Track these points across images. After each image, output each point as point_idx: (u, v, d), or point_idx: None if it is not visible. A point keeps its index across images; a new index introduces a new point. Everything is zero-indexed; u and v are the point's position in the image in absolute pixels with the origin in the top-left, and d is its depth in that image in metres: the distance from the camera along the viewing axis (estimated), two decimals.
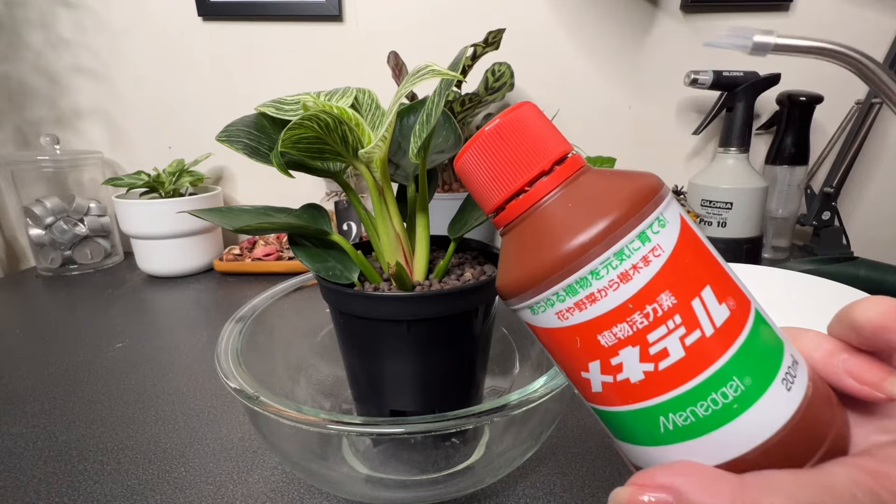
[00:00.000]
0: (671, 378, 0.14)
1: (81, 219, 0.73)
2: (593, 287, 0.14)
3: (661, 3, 0.72)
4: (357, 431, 0.23)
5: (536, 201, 0.16)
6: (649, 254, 0.14)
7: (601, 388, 0.15)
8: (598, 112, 0.78)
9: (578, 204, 0.15)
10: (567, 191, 0.16)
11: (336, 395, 0.37)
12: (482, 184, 0.17)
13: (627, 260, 0.14)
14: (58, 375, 0.44)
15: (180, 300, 0.62)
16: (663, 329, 0.14)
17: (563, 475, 0.32)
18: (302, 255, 0.29)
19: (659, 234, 0.14)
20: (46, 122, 0.77)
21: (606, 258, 0.14)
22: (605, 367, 0.14)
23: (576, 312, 0.14)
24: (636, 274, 0.14)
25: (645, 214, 0.14)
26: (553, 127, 0.17)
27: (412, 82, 0.24)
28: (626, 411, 0.15)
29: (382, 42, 0.74)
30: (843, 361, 0.15)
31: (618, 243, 0.14)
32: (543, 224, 0.15)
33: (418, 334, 0.27)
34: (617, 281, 0.14)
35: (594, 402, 0.16)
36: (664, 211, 0.15)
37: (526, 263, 0.15)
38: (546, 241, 0.15)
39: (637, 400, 0.14)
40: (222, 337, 0.31)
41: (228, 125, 0.28)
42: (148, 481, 0.32)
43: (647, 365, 0.14)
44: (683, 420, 0.14)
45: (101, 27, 0.74)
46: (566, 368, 0.16)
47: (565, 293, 0.14)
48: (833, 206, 0.71)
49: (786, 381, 0.14)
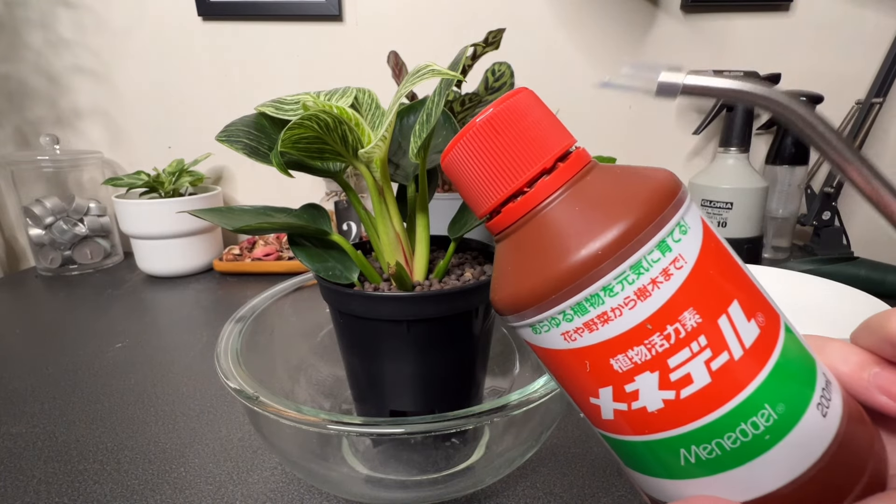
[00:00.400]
0: (694, 407, 0.12)
1: (81, 219, 0.73)
2: (606, 305, 0.12)
3: (662, 3, 0.72)
4: (357, 432, 0.23)
5: (537, 204, 0.14)
6: (671, 266, 0.12)
7: (612, 416, 0.13)
8: (598, 112, 0.78)
9: (587, 207, 0.13)
10: (573, 192, 0.14)
11: (336, 396, 0.37)
12: (474, 184, 0.14)
13: (646, 274, 0.12)
14: (57, 375, 0.44)
15: (180, 300, 0.62)
16: (686, 352, 0.12)
17: (563, 475, 0.32)
18: (302, 255, 0.29)
19: (681, 243, 0.12)
20: (46, 122, 0.77)
21: (622, 272, 0.12)
22: (618, 394, 0.13)
23: (585, 334, 0.13)
24: (656, 290, 0.12)
25: (665, 220, 0.12)
26: (554, 117, 0.15)
27: (412, 82, 0.24)
28: (641, 441, 0.13)
29: (382, 42, 0.74)
30: (875, 376, 0.13)
31: (635, 254, 0.12)
32: (546, 231, 0.13)
33: (418, 334, 0.27)
34: (634, 298, 0.12)
35: (604, 429, 0.14)
36: (685, 215, 0.13)
37: (526, 277, 0.13)
38: (550, 252, 0.13)
39: (654, 430, 0.13)
40: (222, 337, 0.31)
41: (228, 125, 0.28)
42: (148, 481, 0.32)
43: (667, 393, 0.12)
44: (708, 453, 0.12)
45: (101, 27, 0.74)
46: (572, 393, 0.14)
47: (573, 312, 0.13)
48: (833, 205, 0.71)
49: (821, 406, 0.12)
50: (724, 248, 0.13)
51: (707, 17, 0.73)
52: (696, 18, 0.73)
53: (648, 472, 0.14)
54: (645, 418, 0.13)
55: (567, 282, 0.12)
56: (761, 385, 0.12)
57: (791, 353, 0.13)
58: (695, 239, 0.13)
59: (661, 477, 0.13)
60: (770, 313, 0.13)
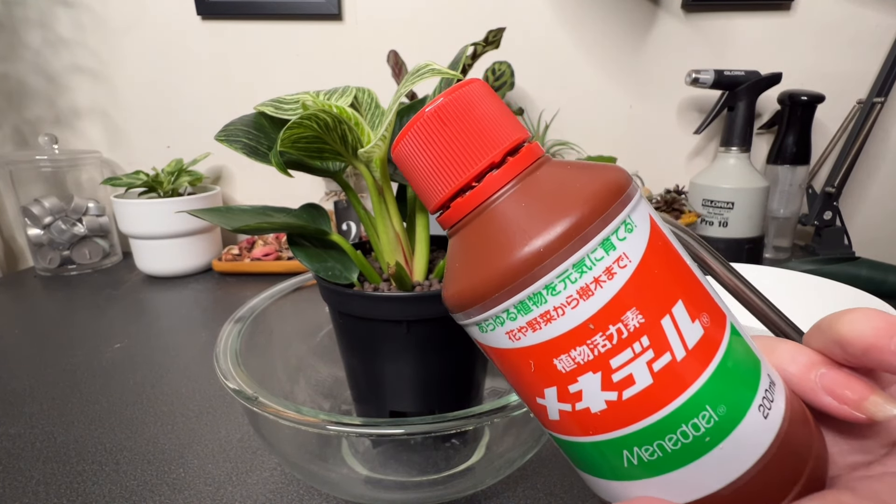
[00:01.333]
0: (636, 408, 0.12)
1: (80, 218, 0.73)
2: (548, 304, 0.12)
3: (662, 3, 0.72)
4: (356, 432, 0.23)
5: (485, 199, 0.13)
6: (614, 264, 0.12)
7: (558, 417, 0.13)
8: (598, 111, 0.77)
9: (534, 203, 0.13)
10: (521, 186, 0.13)
11: (335, 396, 0.37)
12: (423, 177, 0.14)
13: (588, 272, 0.12)
14: (56, 376, 0.44)
15: (179, 300, 0.62)
16: (629, 353, 0.12)
17: (563, 476, 0.32)
18: (301, 255, 0.28)
19: (626, 241, 0.12)
20: (45, 122, 0.77)
21: (564, 270, 0.12)
22: (562, 394, 0.13)
23: (528, 333, 0.12)
24: (598, 289, 0.12)
25: (610, 217, 0.12)
26: (506, 109, 0.14)
27: (412, 81, 0.24)
28: (586, 442, 0.13)
29: (382, 41, 0.73)
30: (821, 377, 0.13)
31: (577, 252, 0.12)
32: (493, 226, 0.13)
33: (418, 334, 0.27)
34: (576, 297, 0.12)
35: (552, 429, 0.14)
36: (632, 212, 0.13)
37: (472, 273, 0.13)
38: (495, 248, 0.13)
39: (598, 431, 0.13)
40: (221, 337, 0.30)
41: (227, 124, 0.28)
42: (146, 482, 0.32)
43: (609, 394, 0.12)
44: (650, 455, 0.12)
45: (100, 27, 0.73)
46: (520, 392, 0.14)
47: (516, 311, 0.12)
48: (835, 205, 0.71)
49: (762, 408, 0.12)
50: (672, 247, 0.13)
51: (708, 17, 0.73)
52: (697, 18, 0.73)
53: (595, 473, 0.14)
54: (588, 419, 0.12)
55: (510, 279, 0.12)
56: (703, 386, 0.12)
57: (735, 355, 0.13)
58: (641, 237, 0.12)
59: (608, 478, 0.13)
60: (716, 313, 0.13)
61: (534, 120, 0.76)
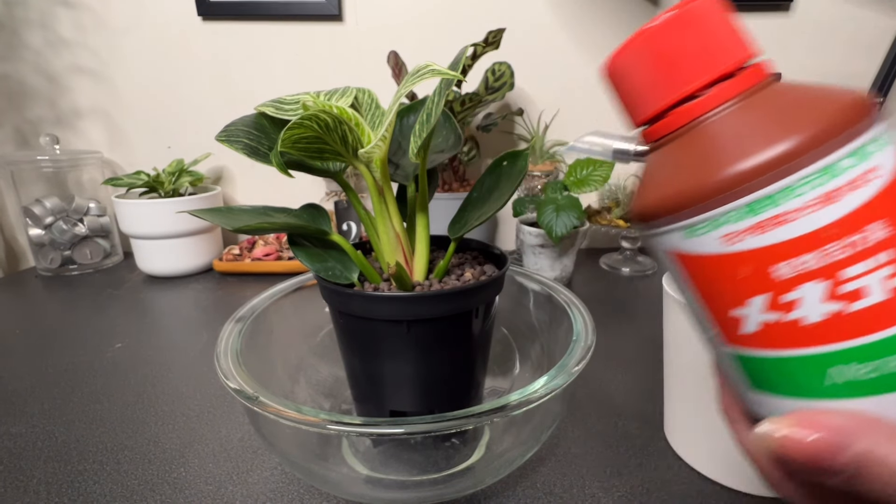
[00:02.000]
0: (862, 323, 0.11)
1: (81, 219, 0.73)
2: (782, 207, 0.12)
3: (662, 3, 0.72)
4: (357, 432, 0.23)
5: (715, 107, 0.13)
6: (867, 174, 0.12)
7: (756, 328, 0.13)
8: (598, 111, 0.77)
9: (773, 110, 0.13)
10: (756, 98, 0.13)
11: (336, 396, 0.37)
12: (642, 85, 0.14)
13: (837, 178, 0.11)
14: (57, 375, 0.44)
15: (180, 300, 0.62)
16: (864, 265, 0.11)
17: (563, 476, 0.32)
18: (301, 255, 0.29)
19: (878, 155, 0.12)
20: (46, 122, 0.77)
21: (810, 173, 0.12)
22: (773, 303, 0.12)
23: (750, 236, 0.12)
24: (845, 196, 0.11)
25: (864, 127, 0.12)
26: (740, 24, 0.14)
27: (412, 82, 0.24)
28: (783, 357, 0.12)
29: (382, 42, 0.74)
30: None
31: (829, 156, 0.11)
32: (723, 131, 0.13)
33: (418, 334, 0.27)
34: (818, 201, 0.11)
35: (739, 343, 0.13)
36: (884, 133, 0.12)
37: (691, 177, 0.13)
38: (728, 149, 0.12)
39: (806, 344, 0.12)
40: (222, 337, 0.30)
41: (228, 125, 0.28)
42: (147, 482, 0.32)
43: (832, 304, 0.12)
44: (866, 373, 0.12)
45: (101, 27, 0.74)
46: (710, 304, 0.13)
47: (747, 211, 0.12)
48: None
49: None
50: None
51: None
52: None
53: (781, 391, 0.13)
54: (797, 331, 0.12)
55: (744, 179, 0.12)
56: None
57: None
58: (892, 155, 0.12)
59: (798, 396, 0.13)
60: None
61: (534, 120, 0.76)
